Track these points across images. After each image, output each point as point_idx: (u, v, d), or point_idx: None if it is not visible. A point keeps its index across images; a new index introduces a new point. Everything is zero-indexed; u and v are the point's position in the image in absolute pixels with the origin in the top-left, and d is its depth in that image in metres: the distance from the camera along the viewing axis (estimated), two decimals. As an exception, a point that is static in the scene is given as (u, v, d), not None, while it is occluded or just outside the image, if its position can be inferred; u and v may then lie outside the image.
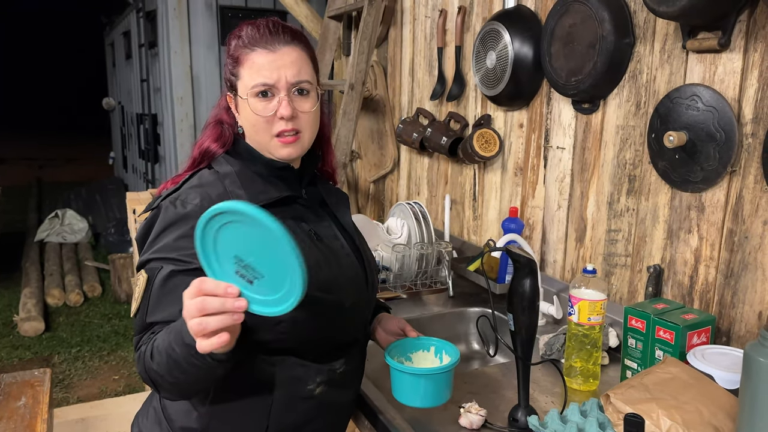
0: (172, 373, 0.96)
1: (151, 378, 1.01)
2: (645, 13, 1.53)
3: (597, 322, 1.38)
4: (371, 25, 2.42)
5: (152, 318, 1.04)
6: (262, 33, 1.11)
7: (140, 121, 7.86)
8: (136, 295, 1.06)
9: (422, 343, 1.27)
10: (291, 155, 1.14)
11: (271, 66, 1.09)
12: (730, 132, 1.34)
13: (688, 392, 1.12)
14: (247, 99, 1.11)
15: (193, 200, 1.08)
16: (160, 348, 0.96)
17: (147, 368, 1.00)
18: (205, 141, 1.18)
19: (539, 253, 1.96)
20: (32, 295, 4.94)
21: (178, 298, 0.98)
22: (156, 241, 1.07)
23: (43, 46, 22.36)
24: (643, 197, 1.59)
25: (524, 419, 1.22)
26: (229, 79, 1.16)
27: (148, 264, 1.06)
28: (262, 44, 1.10)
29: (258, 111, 1.10)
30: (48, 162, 14.27)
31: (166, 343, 0.95)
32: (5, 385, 2.27)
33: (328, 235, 1.20)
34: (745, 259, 1.35)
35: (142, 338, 1.05)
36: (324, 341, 1.14)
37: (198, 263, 0.98)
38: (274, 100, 1.10)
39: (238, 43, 1.12)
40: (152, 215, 1.11)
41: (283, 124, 1.10)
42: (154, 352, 0.98)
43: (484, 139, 2.06)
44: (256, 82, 1.09)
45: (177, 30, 5.86)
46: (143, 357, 1.01)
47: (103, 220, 7.40)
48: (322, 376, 1.14)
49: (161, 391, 1.04)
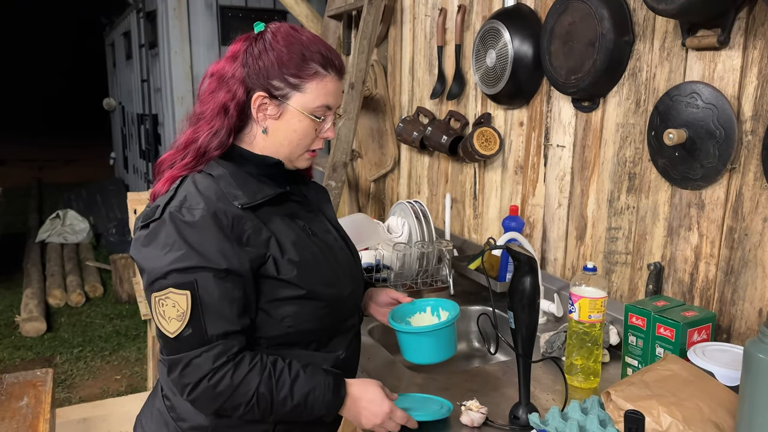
0: (290, 411, 1.08)
1: (226, 406, 1.07)
2: (644, 11, 1.53)
3: (597, 319, 1.38)
4: (371, 24, 2.43)
5: (214, 330, 1.04)
6: (338, 63, 1.17)
7: (141, 121, 7.86)
8: (175, 314, 1.03)
9: (418, 305, 1.36)
10: (307, 165, 1.24)
11: (337, 94, 1.18)
12: (729, 129, 1.34)
13: (688, 389, 1.12)
14: (305, 114, 1.14)
15: (198, 205, 1.07)
16: (299, 391, 1.08)
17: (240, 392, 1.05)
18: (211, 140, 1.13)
19: (540, 251, 1.96)
20: (34, 295, 4.95)
21: (228, 303, 1.05)
22: (173, 251, 1.04)
23: (43, 46, 22.36)
24: (643, 195, 1.59)
25: (525, 417, 1.22)
26: (278, 84, 1.12)
27: (170, 276, 1.03)
28: (335, 71, 1.16)
29: (312, 130, 1.16)
30: (48, 163, 14.26)
31: (316, 394, 1.10)
32: (7, 385, 2.28)
33: (321, 230, 1.24)
34: (745, 256, 1.36)
35: (209, 353, 1.04)
36: (326, 331, 1.19)
37: (224, 265, 1.05)
38: (324, 123, 1.18)
39: (309, 56, 1.13)
40: (156, 226, 1.07)
41: (322, 143, 1.21)
42: (284, 386, 1.08)
43: (484, 137, 2.06)
44: (323, 103, 1.15)
45: (177, 30, 5.86)
46: (237, 378, 1.04)
47: (104, 220, 7.40)
48: (327, 363, 1.18)
49: (214, 407, 1.08)
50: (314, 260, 1.15)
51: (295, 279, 1.10)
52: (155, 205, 1.10)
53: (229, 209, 1.08)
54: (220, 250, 1.04)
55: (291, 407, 1.08)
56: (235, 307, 1.05)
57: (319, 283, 1.14)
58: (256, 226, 1.09)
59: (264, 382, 1.06)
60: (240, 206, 1.09)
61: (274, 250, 1.10)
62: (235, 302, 1.05)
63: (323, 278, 1.15)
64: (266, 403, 1.06)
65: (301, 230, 1.17)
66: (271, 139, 1.17)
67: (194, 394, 1.05)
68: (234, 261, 1.05)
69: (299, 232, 1.16)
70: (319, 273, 1.15)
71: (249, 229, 1.08)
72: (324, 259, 1.17)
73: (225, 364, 1.04)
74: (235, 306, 1.05)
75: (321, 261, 1.16)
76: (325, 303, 1.15)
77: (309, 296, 1.12)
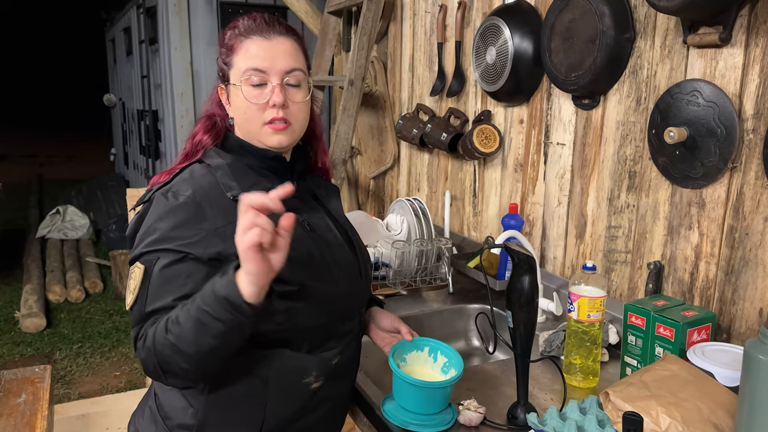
0: (197, 341, 0.95)
1: (160, 363, 0.99)
2: (645, 8, 1.52)
3: (597, 318, 1.37)
4: (371, 20, 2.42)
5: (152, 306, 1.03)
6: (258, 23, 1.13)
7: (141, 117, 7.85)
8: (132, 287, 1.06)
9: (417, 343, 1.29)
10: (282, 143, 1.15)
11: (266, 53, 1.11)
12: (730, 128, 1.33)
13: (687, 389, 1.11)
14: (240, 86, 1.12)
15: (185, 191, 1.08)
16: (181, 318, 0.96)
17: (157, 351, 0.98)
18: (197, 133, 1.19)
19: (539, 250, 1.95)
20: (33, 291, 4.95)
21: (177, 287, 1.02)
22: (149, 233, 1.06)
23: (43, 42, 22.34)
24: (643, 193, 1.58)
25: (523, 416, 1.21)
26: (221, 68, 1.17)
27: (143, 256, 1.05)
28: (257, 32, 1.13)
29: (251, 98, 1.11)
30: (49, 159, 14.27)
31: (193, 308, 0.95)
32: (5, 381, 2.27)
33: (320, 226, 1.21)
34: (745, 256, 1.35)
35: (143, 327, 1.04)
36: (319, 330, 1.15)
37: (194, 252, 1.03)
38: (267, 89, 1.12)
39: (233, 32, 1.14)
40: (143, 209, 1.11)
41: (275, 112, 1.12)
42: (170, 327, 0.97)
43: (484, 135, 2.05)
44: (249, 66, 1.11)
45: (177, 26, 5.85)
46: (149, 341, 1.00)
47: (104, 216, 7.40)
48: (318, 370, 1.15)
49: (169, 376, 1.02)
50: (308, 255, 1.13)
51: (285, 274, 1.04)
52: (149, 190, 1.14)
53: (220, 201, 1.08)
54: (191, 236, 1.04)
55: (195, 314, 0.95)
56: (181, 290, 1.02)
57: (310, 279, 1.11)
58: None
59: (167, 324, 0.99)
60: (233, 198, 1.09)
61: None
62: (185, 286, 1.02)
63: (315, 274, 1.13)
64: (170, 354, 0.97)
65: (298, 224, 1.14)
66: (237, 126, 1.18)
67: (145, 368, 1.04)
68: (200, 249, 1.03)
69: (296, 225, 1.14)
70: (312, 268, 1.13)
71: (236, 222, 1.06)
72: (319, 255, 1.15)
73: (143, 336, 1.02)
74: (182, 289, 1.02)
75: (315, 257, 1.14)
76: (318, 300, 1.12)
77: (300, 292, 1.09)
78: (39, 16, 21.29)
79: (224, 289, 0.92)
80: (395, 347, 1.26)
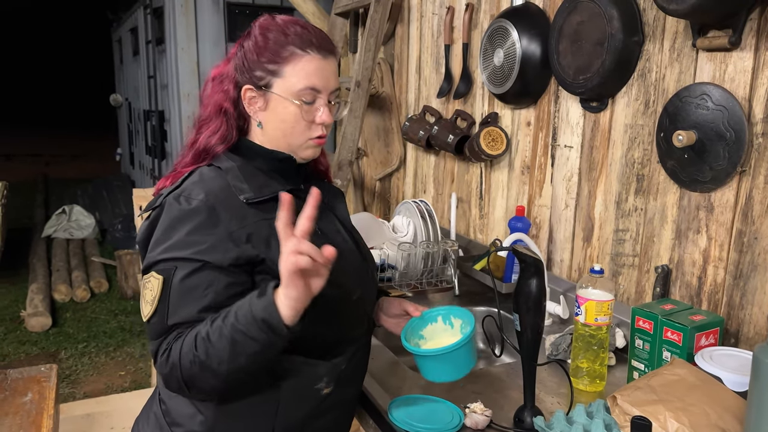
0: (230, 359, 0.95)
1: (185, 379, 0.99)
2: (654, 11, 1.51)
3: (604, 322, 1.37)
4: (378, 22, 2.42)
5: (174, 320, 1.01)
6: (313, 38, 1.11)
7: (147, 117, 7.88)
8: (149, 298, 1.03)
9: (428, 317, 1.29)
10: (314, 155, 1.18)
11: (322, 73, 1.11)
12: (740, 131, 1.32)
13: (695, 394, 1.10)
14: (289, 100, 1.10)
15: (198, 195, 1.06)
16: (213, 336, 0.96)
17: (183, 368, 0.98)
18: (210, 138, 1.15)
19: (546, 253, 1.95)
20: (39, 290, 4.97)
21: (199, 298, 1.01)
22: (163, 239, 1.04)
23: (50, 42, 22.42)
24: (651, 197, 1.57)
25: (530, 420, 1.21)
26: (259, 72, 1.11)
27: (159, 264, 1.03)
28: (314, 49, 1.10)
29: (303, 116, 1.12)
30: (55, 158, 14.32)
31: (227, 328, 0.95)
32: (11, 380, 2.28)
33: (330, 230, 1.20)
34: (754, 260, 1.34)
35: (165, 341, 1.02)
36: (330, 336, 1.14)
37: (212, 260, 1.02)
38: (314, 105, 1.13)
39: (282, 39, 1.10)
40: (155, 214, 1.09)
41: (320, 130, 1.15)
42: (198, 344, 0.97)
43: (491, 137, 2.05)
44: (306, 85, 1.10)
45: (184, 26, 5.87)
46: (173, 357, 0.99)
47: (109, 216, 7.43)
48: (329, 375, 1.14)
49: (194, 391, 1.02)
50: None
51: None
52: (159, 194, 1.12)
53: (232, 203, 1.07)
54: (207, 242, 1.02)
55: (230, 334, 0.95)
56: (203, 301, 1.01)
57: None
58: (258, 223, 1.07)
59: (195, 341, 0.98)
60: (245, 200, 1.08)
61: (275, 248, 1.06)
62: (207, 296, 1.01)
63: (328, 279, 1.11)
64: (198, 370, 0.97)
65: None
66: (266, 132, 1.16)
67: (166, 383, 1.03)
68: (218, 255, 1.02)
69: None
70: None
71: (250, 225, 1.06)
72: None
73: (166, 351, 1.01)
74: (204, 299, 1.01)
75: None
76: (330, 306, 1.09)
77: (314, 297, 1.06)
78: (45, 16, 21.37)
79: (263, 312, 0.93)
80: (406, 328, 1.26)
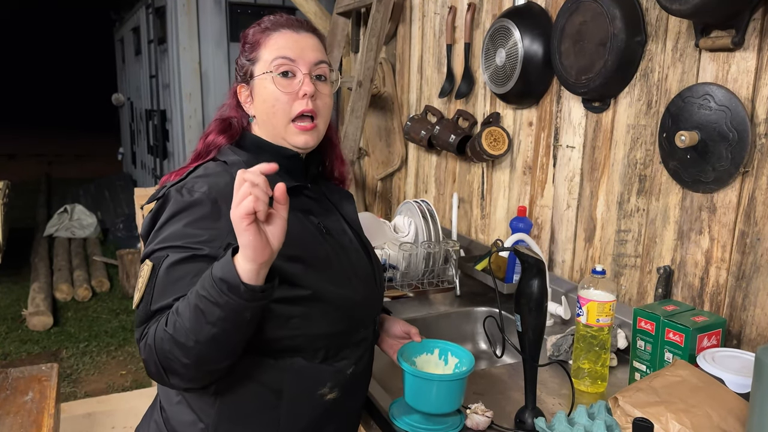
0: (195, 329, 0.90)
1: (160, 359, 0.94)
2: (657, 11, 1.51)
3: (606, 323, 1.36)
4: (380, 21, 2.41)
5: (157, 305, 0.98)
6: (285, 19, 1.13)
7: (149, 117, 7.89)
8: (140, 285, 1.02)
9: (426, 345, 1.27)
10: (308, 143, 1.13)
11: (295, 44, 1.11)
12: (742, 132, 1.32)
13: (697, 396, 1.10)
14: (268, 74, 1.10)
15: (201, 188, 1.04)
16: (180, 308, 0.92)
17: (157, 347, 0.94)
18: (210, 132, 1.17)
19: (548, 253, 1.94)
20: (41, 289, 4.97)
21: (185, 286, 0.97)
22: (162, 230, 1.03)
23: (53, 42, 22.45)
24: (653, 197, 1.57)
25: (531, 421, 1.20)
26: (243, 66, 1.15)
27: (154, 254, 1.02)
28: (285, 27, 1.12)
29: (281, 87, 1.10)
30: (57, 158, 14.35)
31: (192, 296, 0.91)
32: (13, 379, 2.28)
33: (336, 230, 1.19)
34: (757, 262, 1.33)
35: (147, 326, 0.99)
36: (334, 339, 1.11)
37: (206, 250, 0.99)
38: (295, 80, 1.11)
39: (258, 29, 1.14)
40: (157, 206, 1.07)
41: (304, 104, 1.10)
42: (169, 319, 0.93)
43: (492, 137, 2.04)
44: (277, 55, 1.10)
45: (186, 26, 5.88)
46: (150, 338, 0.96)
47: (111, 215, 7.44)
48: (332, 380, 1.11)
49: (170, 375, 0.97)
50: (325, 259, 1.10)
51: (299, 277, 1.04)
52: (163, 186, 1.10)
53: None
54: (203, 233, 1.01)
55: (194, 301, 0.91)
56: (187, 290, 0.96)
57: (327, 283, 1.08)
58: None
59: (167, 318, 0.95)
60: None
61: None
62: (192, 285, 0.95)
63: (331, 278, 1.09)
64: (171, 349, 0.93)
65: (314, 227, 1.13)
66: (259, 123, 1.16)
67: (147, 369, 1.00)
68: (213, 247, 1.00)
69: (312, 229, 1.12)
70: (328, 273, 1.09)
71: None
72: (336, 259, 1.12)
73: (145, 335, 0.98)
74: (188, 288, 0.96)
75: (332, 260, 1.11)
76: (335, 305, 1.08)
77: (316, 297, 1.06)
78: (48, 16, 21.40)
79: (220, 270, 0.88)
80: (402, 349, 1.23)
